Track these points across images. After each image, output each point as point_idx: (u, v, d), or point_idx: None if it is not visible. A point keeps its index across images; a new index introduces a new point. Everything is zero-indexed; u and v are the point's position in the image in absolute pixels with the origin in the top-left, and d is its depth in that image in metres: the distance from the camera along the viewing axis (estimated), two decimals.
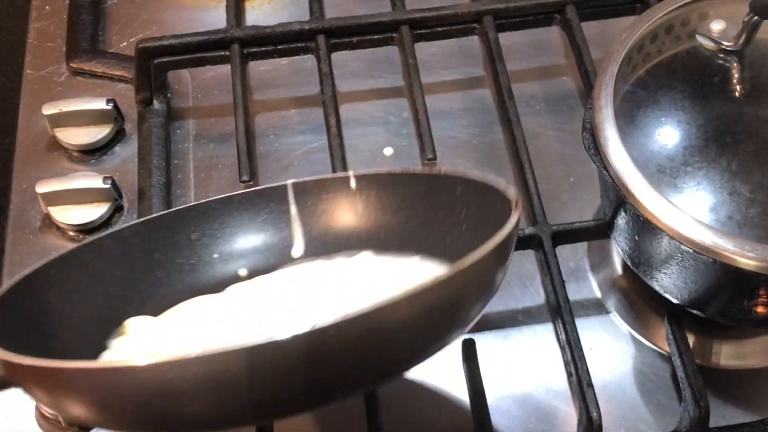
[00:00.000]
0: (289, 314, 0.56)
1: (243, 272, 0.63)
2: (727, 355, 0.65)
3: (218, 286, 0.61)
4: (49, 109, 0.73)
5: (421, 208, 0.61)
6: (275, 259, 0.63)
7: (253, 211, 0.64)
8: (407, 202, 0.62)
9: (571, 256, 0.69)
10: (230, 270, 0.62)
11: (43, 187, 0.70)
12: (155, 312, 0.59)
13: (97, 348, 0.55)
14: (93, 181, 0.70)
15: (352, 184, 0.63)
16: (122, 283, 0.59)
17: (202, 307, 0.59)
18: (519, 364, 0.65)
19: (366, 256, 0.61)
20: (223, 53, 0.74)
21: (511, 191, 0.54)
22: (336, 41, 0.75)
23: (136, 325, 0.57)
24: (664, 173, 0.58)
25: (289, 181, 0.64)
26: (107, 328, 0.57)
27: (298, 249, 0.63)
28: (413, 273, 0.58)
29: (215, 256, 0.63)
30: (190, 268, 0.62)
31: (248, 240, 0.63)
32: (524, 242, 0.66)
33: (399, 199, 0.62)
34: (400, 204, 0.62)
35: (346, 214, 0.63)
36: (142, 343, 0.56)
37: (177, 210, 0.64)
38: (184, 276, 0.61)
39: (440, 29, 0.76)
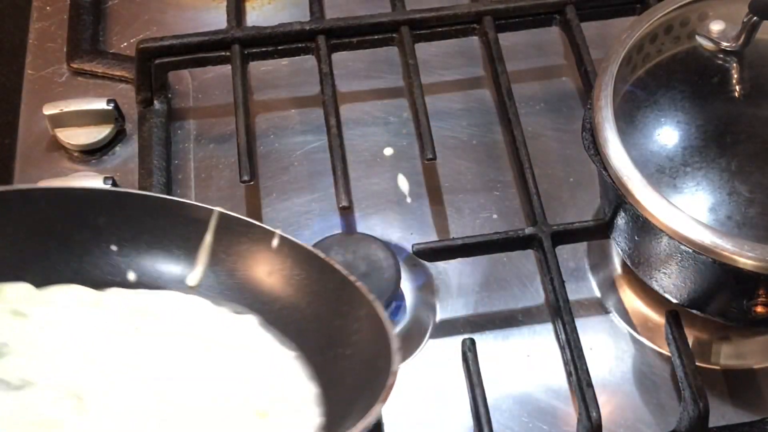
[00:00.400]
0: (132, 360, 0.55)
1: (131, 277, 0.60)
2: (727, 355, 0.65)
3: (104, 279, 0.59)
4: (49, 110, 0.73)
5: (324, 304, 0.59)
6: (168, 279, 0.61)
7: (170, 219, 0.61)
8: (315, 289, 0.59)
9: (571, 256, 0.69)
10: (121, 269, 0.60)
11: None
12: (36, 282, 0.57)
13: None
14: (93, 181, 0.70)
15: (274, 243, 0.60)
16: (12, 242, 0.57)
17: (75, 302, 0.57)
18: (519, 364, 0.65)
19: (250, 321, 0.59)
20: (223, 54, 0.74)
21: (395, 365, 0.52)
22: (336, 42, 0.75)
23: (13, 293, 0.56)
24: (664, 173, 0.58)
25: (217, 209, 0.61)
26: None
27: (193, 279, 0.61)
28: (276, 370, 0.57)
29: (113, 248, 0.60)
30: (83, 251, 0.59)
31: (152, 248, 0.61)
32: (524, 242, 0.66)
33: (309, 282, 0.60)
34: (308, 287, 0.60)
35: (254, 268, 0.61)
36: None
37: (96, 189, 0.62)
38: (75, 257, 0.59)
39: (440, 29, 0.76)
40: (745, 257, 0.53)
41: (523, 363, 0.65)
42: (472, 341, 0.62)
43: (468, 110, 0.77)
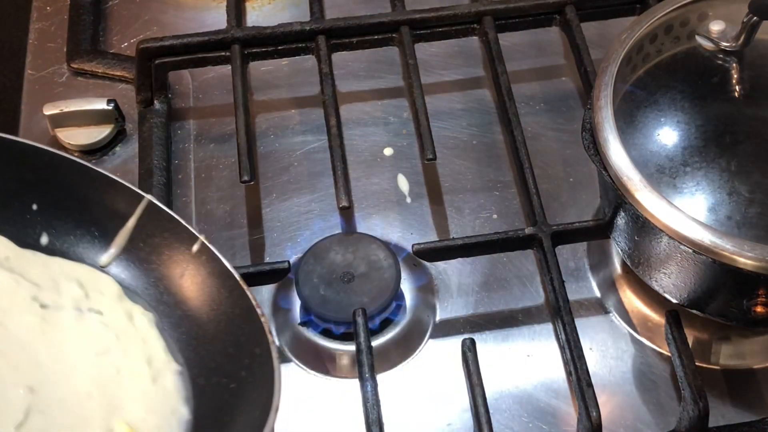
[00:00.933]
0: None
1: (44, 240, 0.60)
2: (727, 354, 0.65)
3: (15, 236, 0.59)
4: (50, 110, 0.74)
5: (225, 327, 0.58)
6: (81, 252, 0.60)
7: (98, 194, 0.60)
8: (221, 308, 0.59)
9: (571, 256, 0.69)
10: (36, 230, 0.60)
11: None
12: None
13: None
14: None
15: (194, 248, 0.60)
16: None
17: None
18: (519, 364, 0.65)
19: (147, 318, 0.59)
20: (223, 54, 0.74)
21: (269, 424, 0.52)
22: (336, 42, 0.75)
23: None
24: (664, 173, 0.58)
25: (148, 197, 0.61)
26: None
27: (105, 259, 0.61)
28: (154, 381, 0.56)
29: (34, 206, 0.60)
30: (2, 203, 0.59)
31: (73, 217, 0.60)
32: (524, 242, 0.66)
33: (218, 300, 0.59)
34: (215, 303, 0.59)
35: (169, 266, 0.60)
36: None
37: (32, 145, 0.60)
38: (3, 208, 0.59)
39: (440, 30, 0.76)
40: (745, 257, 0.53)
41: (523, 363, 0.65)
42: (472, 341, 0.62)
43: (468, 110, 0.77)
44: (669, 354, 0.63)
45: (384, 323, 0.66)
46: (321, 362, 0.65)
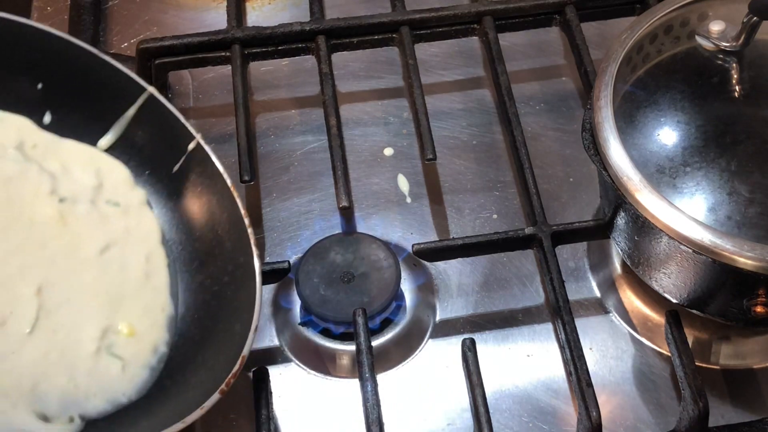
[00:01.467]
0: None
1: (47, 119, 0.62)
2: (727, 355, 0.65)
3: (26, 113, 0.61)
4: None
5: (211, 229, 0.60)
6: (81, 133, 0.62)
7: (103, 79, 0.62)
8: (210, 209, 0.60)
9: (571, 256, 0.69)
10: (40, 108, 0.61)
11: None
12: None
13: None
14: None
15: (190, 146, 0.61)
16: None
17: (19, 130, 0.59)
18: (519, 364, 0.65)
19: (149, 208, 0.60)
20: (223, 54, 0.74)
21: (246, 348, 0.53)
22: (336, 42, 0.75)
23: None
24: (664, 173, 0.58)
25: (151, 89, 0.62)
26: None
27: (103, 143, 0.62)
28: (146, 273, 0.58)
29: (39, 86, 0.62)
30: (9, 80, 0.61)
31: (76, 98, 0.62)
32: (524, 242, 0.66)
33: (208, 201, 0.61)
34: (205, 204, 0.61)
35: (163, 157, 0.62)
36: None
37: (45, 30, 0.61)
38: (10, 84, 0.61)
39: (440, 30, 0.76)
40: (745, 257, 0.53)
41: (523, 363, 0.65)
42: (472, 341, 0.62)
43: (468, 110, 0.77)
44: (669, 354, 0.63)
45: (384, 323, 0.66)
46: (321, 362, 0.65)
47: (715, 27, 0.62)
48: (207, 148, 0.60)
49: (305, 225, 0.71)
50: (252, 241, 0.57)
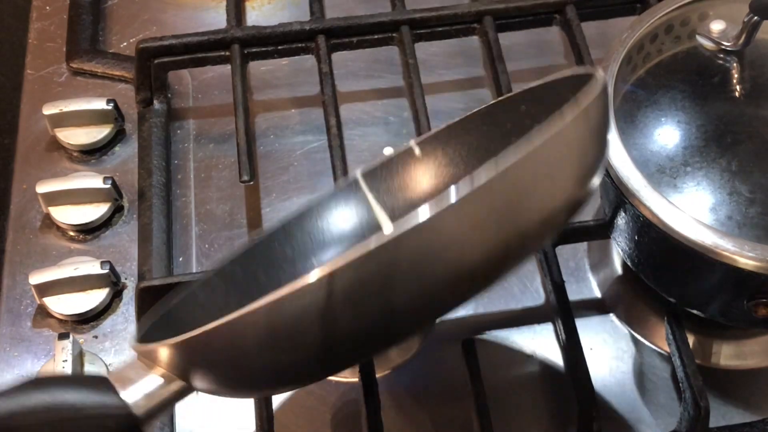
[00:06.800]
0: None
1: None
2: (727, 355, 0.65)
3: None
4: (49, 109, 0.73)
5: (489, 144, 0.59)
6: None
7: (333, 212, 0.63)
8: (474, 146, 0.60)
9: (571, 256, 0.69)
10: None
11: (43, 187, 0.70)
12: None
13: None
14: (93, 181, 0.70)
15: (417, 152, 0.62)
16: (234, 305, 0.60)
17: None
18: (519, 364, 0.65)
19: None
20: (223, 53, 0.74)
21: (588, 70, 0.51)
22: (336, 41, 0.75)
23: None
24: (664, 173, 0.58)
25: (358, 172, 0.63)
26: None
27: (387, 228, 0.62)
28: None
29: (313, 261, 0.62)
30: (290, 276, 0.60)
31: (336, 239, 0.62)
32: None
33: (467, 147, 0.60)
34: (468, 151, 0.60)
35: (421, 181, 0.62)
36: None
37: (262, 237, 0.62)
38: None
39: (440, 29, 0.76)
40: (745, 257, 0.53)
41: (523, 363, 0.65)
42: (472, 341, 0.62)
43: (468, 110, 0.76)
44: (669, 354, 0.63)
45: None
46: None
47: (716, 26, 0.62)
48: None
49: None
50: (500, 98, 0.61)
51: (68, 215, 0.70)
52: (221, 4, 0.78)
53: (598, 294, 0.68)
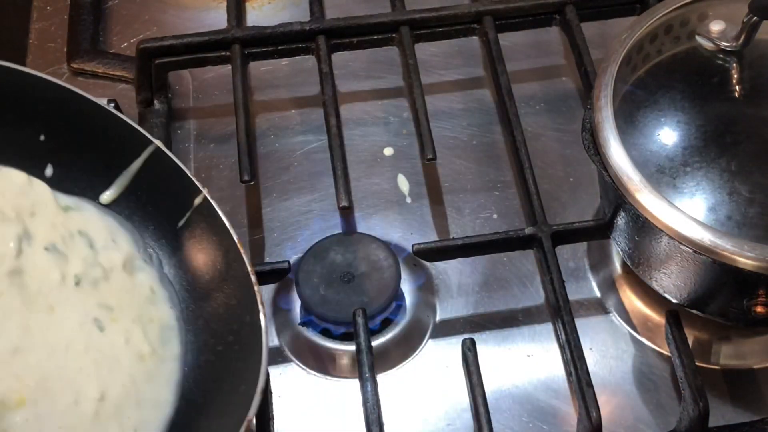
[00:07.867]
0: None
1: (48, 172, 0.60)
2: (727, 355, 0.65)
3: (21, 165, 0.58)
4: None
5: (217, 285, 0.58)
6: (83, 187, 0.60)
7: (107, 132, 0.60)
8: (216, 266, 0.59)
9: (571, 256, 0.69)
10: (41, 161, 0.59)
11: None
12: None
13: None
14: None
15: (197, 201, 0.59)
16: None
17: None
18: (519, 364, 0.65)
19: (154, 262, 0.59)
20: (223, 54, 0.74)
21: (251, 411, 0.51)
22: (336, 42, 0.75)
23: None
24: (664, 173, 0.58)
25: (157, 142, 0.60)
26: None
27: (106, 198, 0.61)
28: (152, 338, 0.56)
29: (41, 137, 0.60)
30: (11, 131, 0.59)
31: (79, 151, 0.60)
32: (524, 242, 0.66)
33: (214, 257, 0.59)
34: (211, 260, 0.59)
35: (168, 213, 0.60)
36: None
37: (49, 80, 0.60)
38: (11, 136, 0.59)
39: (440, 30, 0.76)
40: (745, 257, 0.53)
41: (523, 363, 0.65)
42: (472, 341, 0.62)
43: (468, 110, 0.77)
44: (669, 354, 0.63)
45: (384, 323, 0.66)
46: (321, 362, 0.65)
47: (716, 27, 0.62)
48: (213, 202, 0.59)
49: (305, 225, 0.71)
50: (259, 299, 0.55)
51: None
52: (221, 5, 0.78)
53: (598, 294, 0.68)
